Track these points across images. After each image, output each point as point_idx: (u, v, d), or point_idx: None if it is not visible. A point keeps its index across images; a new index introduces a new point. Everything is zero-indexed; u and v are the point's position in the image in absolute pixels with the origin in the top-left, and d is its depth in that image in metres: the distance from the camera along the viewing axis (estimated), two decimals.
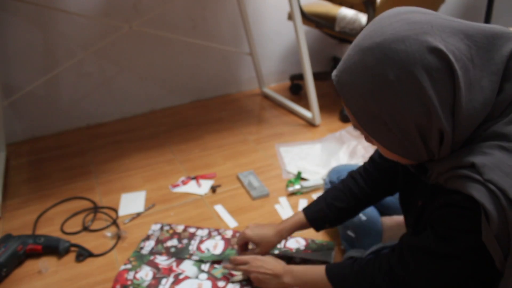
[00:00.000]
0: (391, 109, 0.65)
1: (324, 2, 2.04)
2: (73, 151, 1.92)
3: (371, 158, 1.07)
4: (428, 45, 0.61)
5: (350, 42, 2.36)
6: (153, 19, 2.06)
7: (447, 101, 0.63)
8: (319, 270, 0.93)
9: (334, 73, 0.72)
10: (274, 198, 1.53)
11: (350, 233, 1.17)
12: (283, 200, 1.51)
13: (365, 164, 1.08)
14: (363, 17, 1.94)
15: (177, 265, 1.18)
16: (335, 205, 1.07)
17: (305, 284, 0.96)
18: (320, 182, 1.55)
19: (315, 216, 1.09)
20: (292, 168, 1.68)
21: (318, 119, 2.03)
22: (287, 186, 1.56)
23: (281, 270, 1.01)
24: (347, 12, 1.99)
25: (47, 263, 1.27)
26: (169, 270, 1.16)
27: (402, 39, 0.62)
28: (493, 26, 0.66)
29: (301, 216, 1.10)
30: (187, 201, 1.54)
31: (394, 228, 1.18)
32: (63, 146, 1.97)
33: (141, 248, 1.27)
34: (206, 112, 2.25)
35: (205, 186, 1.61)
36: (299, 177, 1.60)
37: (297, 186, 1.54)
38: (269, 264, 1.04)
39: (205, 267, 1.16)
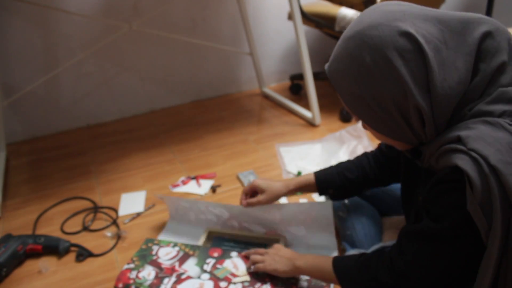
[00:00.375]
0: (371, 90, 0.71)
1: (324, 2, 2.04)
2: (73, 151, 1.92)
3: (379, 146, 1.12)
4: (399, 30, 0.68)
5: None
6: (153, 19, 2.06)
7: (421, 80, 0.67)
8: (328, 259, 0.95)
9: (326, 64, 0.79)
10: None
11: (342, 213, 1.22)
12: (283, 200, 1.51)
13: (375, 150, 1.14)
14: None
15: (180, 264, 1.18)
16: (344, 174, 1.12)
17: (314, 269, 0.98)
18: None
19: (323, 178, 1.14)
20: (292, 168, 1.68)
21: (318, 119, 2.03)
22: None
23: (295, 254, 1.04)
24: (347, 12, 1.99)
25: (47, 263, 1.27)
26: (172, 269, 1.16)
27: (376, 26, 0.69)
28: (466, 13, 0.72)
29: (311, 177, 1.16)
30: None
31: (394, 228, 1.18)
32: (63, 146, 1.97)
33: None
34: (206, 112, 2.25)
35: (205, 186, 1.61)
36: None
37: None
38: (284, 250, 1.07)
39: (208, 267, 1.16)
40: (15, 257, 1.24)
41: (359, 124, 1.60)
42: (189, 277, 1.13)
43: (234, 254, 1.19)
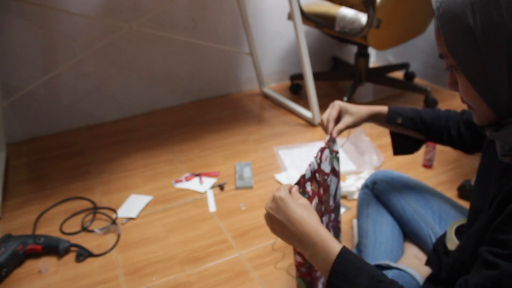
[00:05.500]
0: (485, 20, 0.59)
1: (324, 2, 2.04)
2: (73, 151, 1.92)
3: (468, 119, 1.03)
4: None
5: (350, 42, 2.36)
6: (153, 19, 2.06)
7: None
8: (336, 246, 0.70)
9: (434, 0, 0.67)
10: None
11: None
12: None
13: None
14: (363, 17, 1.93)
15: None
16: (419, 113, 1.06)
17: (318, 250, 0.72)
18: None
19: (395, 108, 1.08)
20: (293, 173, 1.66)
21: (318, 119, 2.03)
22: None
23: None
24: (347, 12, 1.99)
25: (47, 263, 1.27)
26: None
27: None
28: None
29: (383, 107, 1.09)
30: (187, 201, 1.54)
31: (415, 257, 1.13)
32: (63, 146, 1.97)
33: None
34: (206, 112, 2.25)
35: (206, 184, 1.61)
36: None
37: None
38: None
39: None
40: (15, 257, 1.24)
41: (361, 132, 1.56)
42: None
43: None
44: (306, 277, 0.89)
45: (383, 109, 1.09)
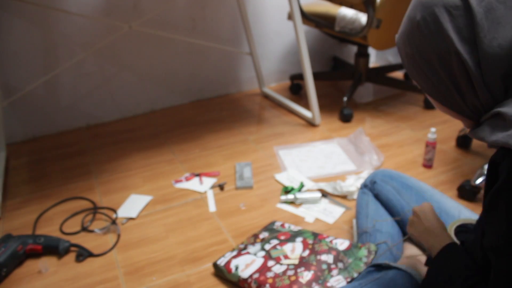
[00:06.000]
0: (418, 47, 0.70)
1: (324, 2, 2.04)
2: (73, 151, 1.92)
3: None
4: None
5: (350, 42, 2.36)
6: (153, 19, 2.06)
7: (467, 36, 0.66)
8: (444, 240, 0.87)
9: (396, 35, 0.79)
10: (275, 198, 1.53)
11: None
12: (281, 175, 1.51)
13: None
14: (363, 17, 1.93)
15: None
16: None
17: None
18: (318, 195, 1.50)
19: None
20: (293, 173, 1.66)
21: (318, 119, 2.03)
22: (282, 193, 1.55)
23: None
24: (347, 12, 1.99)
25: (47, 263, 1.27)
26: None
27: None
28: None
29: None
30: (187, 201, 1.54)
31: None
32: (63, 146, 1.97)
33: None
34: (206, 112, 2.25)
35: (206, 184, 1.61)
36: (299, 189, 1.56)
37: (290, 196, 1.51)
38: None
39: (268, 246, 1.20)
40: (15, 257, 1.24)
41: (361, 132, 1.57)
42: (247, 253, 1.19)
43: (299, 239, 1.22)
44: None
45: None
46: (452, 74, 0.68)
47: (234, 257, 1.19)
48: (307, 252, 1.16)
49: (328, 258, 1.13)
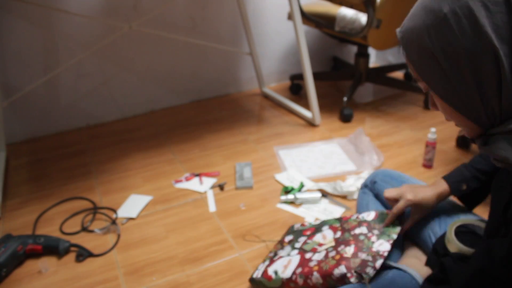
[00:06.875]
0: (442, 41, 0.62)
1: (324, 2, 2.04)
2: (73, 151, 1.92)
3: None
4: None
5: (350, 42, 2.36)
6: (153, 19, 2.06)
7: (505, 36, 0.59)
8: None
9: (397, 29, 0.71)
10: (275, 198, 1.53)
11: None
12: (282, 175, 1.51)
13: None
14: (363, 17, 1.93)
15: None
16: (473, 166, 1.03)
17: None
18: (318, 196, 1.50)
19: (452, 177, 1.06)
20: (293, 173, 1.67)
21: (318, 119, 2.03)
22: (282, 193, 1.55)
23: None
24: (347, 12, 1.99)
25: (47, 263, 1.27)
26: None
27: None
28: None
29: (443, 184, 1.06)
30: (187, 201, 1.54)
31: (414, 257, 1.13)
32: (63, 146, 1.97)
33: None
34: (206, 112, 2.25)
35: (206, 184, 1.61)
36: (299, 189, 1.56)
37: (290, 196, 1.51)
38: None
39: (298, 245, 1.18)
40: (15, 257, 1.24)
41: (361, 132, 1.56)
42: (280, 257, 1.15)
43: (325, 227, 1.19)
44: None
45: (443, 186, 1.06)
46: (479, 75, 0.61)
47: (269, 265, 1.15)
48: (339, 234, 1.13)
49: (362, 230, 1.11)
